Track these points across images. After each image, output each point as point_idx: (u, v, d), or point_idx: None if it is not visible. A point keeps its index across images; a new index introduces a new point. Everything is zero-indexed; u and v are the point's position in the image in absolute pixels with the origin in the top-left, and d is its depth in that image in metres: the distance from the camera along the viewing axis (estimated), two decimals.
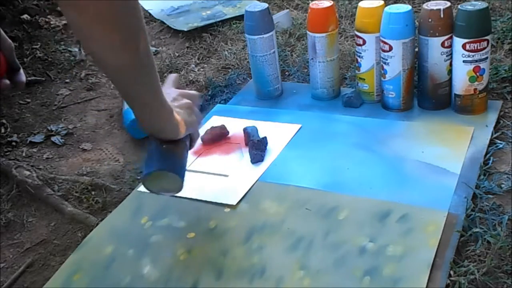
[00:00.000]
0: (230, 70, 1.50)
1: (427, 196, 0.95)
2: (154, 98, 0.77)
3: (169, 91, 0.89)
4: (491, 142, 1.08)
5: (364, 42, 1.19)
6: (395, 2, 1.34)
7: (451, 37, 1.12)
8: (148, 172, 0.85)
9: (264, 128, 1.19)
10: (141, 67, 0.72)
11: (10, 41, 0.83)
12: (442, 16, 1.10)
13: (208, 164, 1.13)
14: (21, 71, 0.86)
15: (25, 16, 1.74)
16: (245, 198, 1.02)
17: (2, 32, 0.82)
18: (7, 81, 0.83)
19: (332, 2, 1.22)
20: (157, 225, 0.99)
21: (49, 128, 1.38)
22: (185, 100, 0.89)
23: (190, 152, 1.16)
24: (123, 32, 0.66)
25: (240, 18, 1.73)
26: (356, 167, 1.06)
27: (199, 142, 1.19)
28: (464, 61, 1.11)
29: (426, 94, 1.19)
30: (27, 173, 1.18)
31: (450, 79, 1.16)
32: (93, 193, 1.13)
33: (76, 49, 1.70)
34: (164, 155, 0.86)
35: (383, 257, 0.85)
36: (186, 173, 1.10)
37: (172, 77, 0.96)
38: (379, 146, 1.11)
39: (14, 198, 1.15)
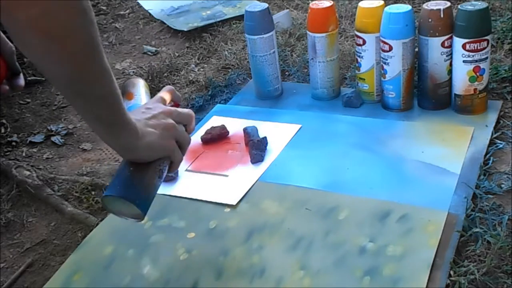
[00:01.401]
0: (230, 70, 1.50)
1: (427, 196, 0.95)
2: (110, 115, 0.68)
3: (154, 106, 0.79)
4: (491, 142, 1.08)
5: (364, 42, 1.19)
6: (395, 2, 1.34)
7: (451, 37, 1.12)
8: (107, 194, 0.76)
9: (264, 128, 1.19)
10: (89, 83, 0.63)
11: (11, 44, 0.83)
12: (442, 16, 1.10)
13: (208, 164, 1.13)
14: (21, 75, 0.85)
15: None
16: (245, 198, 1.02)
17: (3, 35, 0.82)
18: (6, 87, 0.83)
19: (332, 2, 1.22)
20: (157, 225, 0.99)
21: (49, 128, 1.38)
22: (167, 121, 0.77)
23: (187, 152, 1.16)
24: (67, 42, 0.58)
25: (240, 18, 1.73)
26: (356, 167, 1.06)
27: (199, 142, 1.19)
28: (464, 61, 1.11)
29: (426, 94, 1.19)
30: (27, 173, 1.18)
31: (450, 79, 1.16)
32: (93, 193, 1.13)
33: None
34: (129, 179, 0.75)
35: (383, 257, 0.85)
36: (185, 174, 1.10)
37: (167, 89, 0.85)
38: (379, 146, 1.11)
39: (14, 198, 1.15)
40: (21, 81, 0.85)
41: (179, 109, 0.81)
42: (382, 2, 1.18)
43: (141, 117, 0.75)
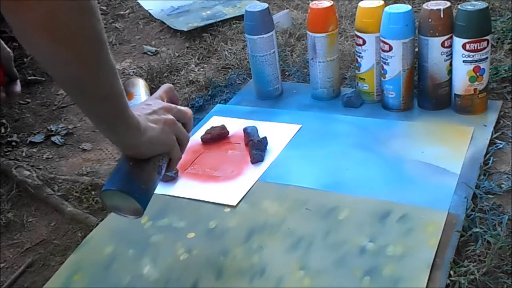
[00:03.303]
0: (230, 70, 1.50)
1: (427, 196, 0.95)
2: (115, 112, 0.67)
3: (153, 102, 0.78)
4: (491, 142, 1.08)
5: (364, 42, 1.19)
6: (395, 2, 1.34)
7: (451, 37, 1.12)
8: (106, 188, 0.75)
9: (264, 128, 1.19)
10: (96, 81, 0.63)
11: (8, 49, 0.83)
12: (442, 16, 1.10)
13: (208, 164, 1.13)
14: (18, 81, 0.85)
15: None
16: (245, 198, 1.02)
17: (1, 41, 0.82)
18: (3, 94, 0.82)
19: (332, 2, 1.22)
20: (157, 225, 0.99)
21: (49, 128, 1.38)
22: (167, 116, 0.76)
23: (187, 150, 1.16)
24: (74, 42, 0.58)
25: (240, 18, 1.73)
26: (356, 167, 1.06)
27: (199, 142, 1.19)
28: (464, 61, 1.11)
29: (426, 94, 1.19)
30: (27, 173, 1.18)
31: (450, 79, 1.16)
32: (93, 193, 1.13)
33: None
34: (128, 174, 0.75)
35: (383, 257, 0.85)
36: (185, 174, 1.10)
37: (165, 87, 0.84)
38: (379, 146, 1.11)
39: (14, 198, 1.15)
40: (18, 88, 0.84)
41: (178, 106, 0.81)
42: (382, 2, 1.18)
43: (142, 112, 0.74)
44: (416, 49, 1.17)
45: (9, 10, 0.55)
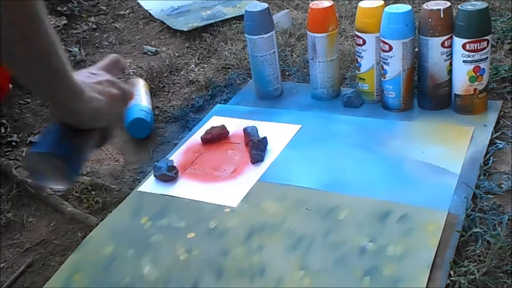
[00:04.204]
0: (230, 70, 1.50)
1: (427, 196, 0.95)
2: (55, 77, 0.64)
3: (98, 72, 0.74)
4: (491, 142, 1.08)
5: (364, 42, 1.19)
6: (395, 2, 1.34)
7: (451, 37, 1.12)
8: (37, 150, 0.69)
9: (264, 128, 1.19)
10: (38, 52, 0.62)
11: None
12: (442, 16, 1.10)
13: (208, 164, 1.13)
14: None
15: None
16: (245, 198, 1.02)
17: None
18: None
19: (332, 2, 1.22)
20: (157, 225, 0.99)
21: None
22: (113, 90, 0.72)
23: (187, 150, 1.16)
24: (16, 27, 0.58)
25: (240, 18, 1.73)
26: (356, 167, 1.06)
27: (199, 142, 1.19)
28: (464, 61, 1.11)
29: (426, 94, 1.19)
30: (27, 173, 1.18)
31: (450, 79, 1.16)
32: (93, 193, 1.13)
33: (76, 49, 1.70)
34: (64, 140, 0.70)
35: (383, 257, 0.85)
36: (185, 174, 1.09)
37: (111, 58, 0.78)
38: (379, 146, 1.11)
39: (14, 198, 1.15)
40: None
41: (122, 83, 0.76)
42: (382, 2, 1.18)
43: (87, 80, 0.70)
44: (416, 49, 1.17)
45: None
